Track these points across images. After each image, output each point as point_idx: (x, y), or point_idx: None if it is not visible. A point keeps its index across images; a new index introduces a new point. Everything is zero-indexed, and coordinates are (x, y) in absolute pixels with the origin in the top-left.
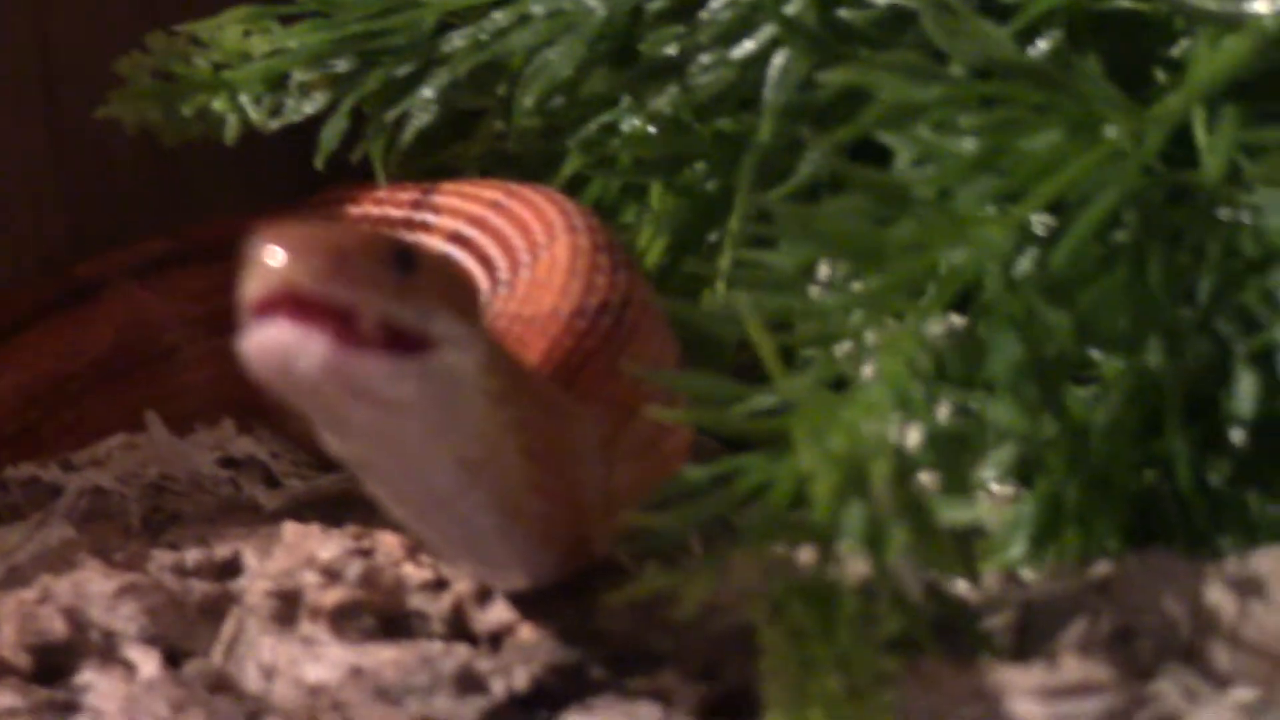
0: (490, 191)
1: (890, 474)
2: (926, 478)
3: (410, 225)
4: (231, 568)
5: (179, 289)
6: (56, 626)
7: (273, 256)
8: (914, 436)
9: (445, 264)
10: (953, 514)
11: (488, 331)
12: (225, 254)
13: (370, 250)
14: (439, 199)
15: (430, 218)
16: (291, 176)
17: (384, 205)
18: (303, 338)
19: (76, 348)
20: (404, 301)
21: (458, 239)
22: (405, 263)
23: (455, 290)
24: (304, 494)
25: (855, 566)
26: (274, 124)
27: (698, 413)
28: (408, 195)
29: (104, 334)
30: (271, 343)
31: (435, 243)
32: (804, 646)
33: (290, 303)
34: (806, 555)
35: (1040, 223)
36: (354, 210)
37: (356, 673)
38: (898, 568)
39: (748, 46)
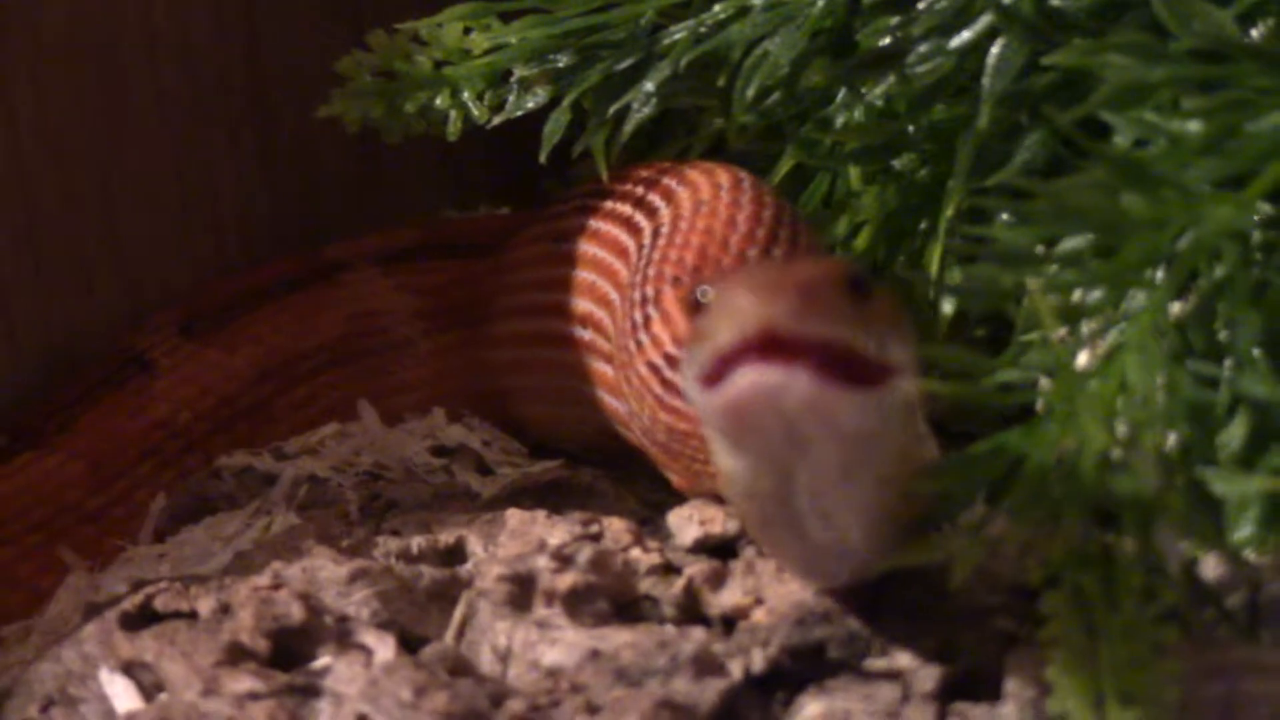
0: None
1: (1157, 445)
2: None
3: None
4: (456, 554)
5: (416, 282)
6: (293, 612)
7: (747, 301)
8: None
9: (888, 286)
10: (1221, 485)
11: None
12: (462, 251)
13: (835, 281)
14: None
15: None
16: (488, 174)
17: None
18: (789, 377)
19: (312, 327)
20: (868, 330)
21: None
22: (863, 290)
23: (901, 312)
24: (518, 481)
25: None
26: (496, 119)
27: (953, 386)
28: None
29: (339, 317)
30: (762, 386)
31: None
32: (1089, 615)
33: (763, 347)
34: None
35: (1262, 210)
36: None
37: (594, 655)
38: (1163, 541)
39: (965, 36)
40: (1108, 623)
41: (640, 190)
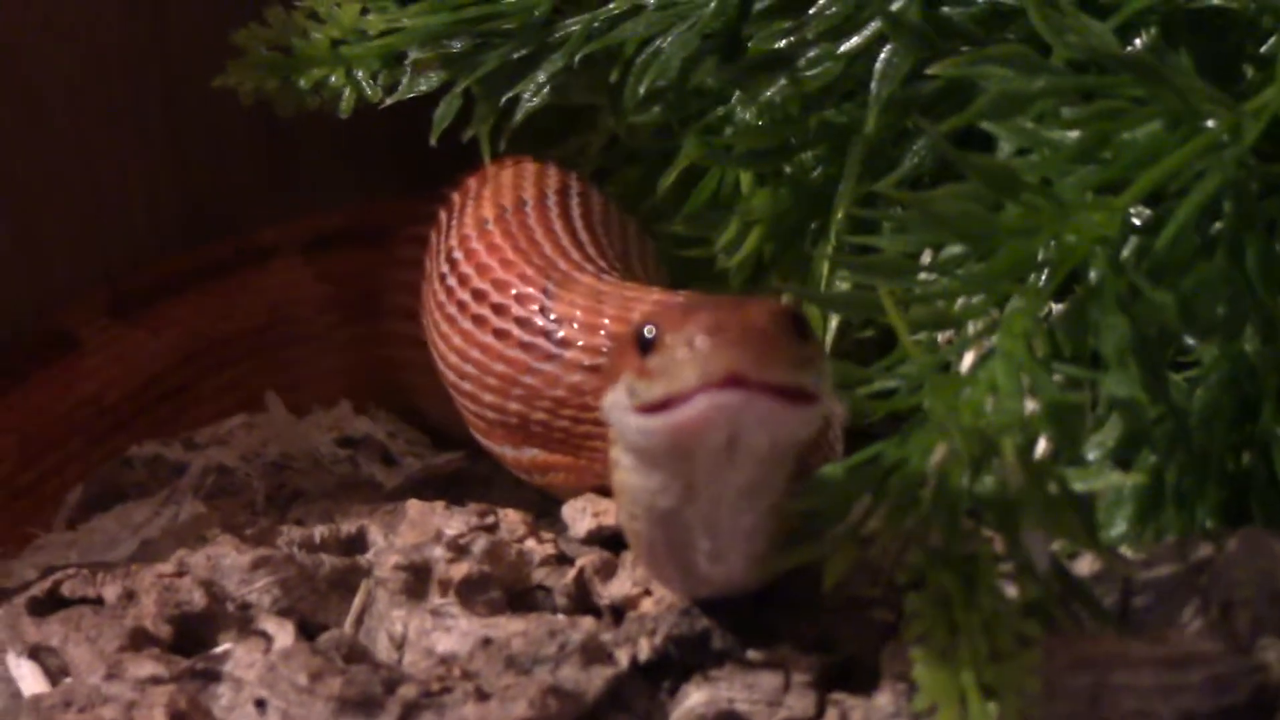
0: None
1: (1021, 446)
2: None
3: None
4: (358, 542)
5: (336, 270)
6: (195, 599)
7: (707, 347)
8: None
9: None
10: (1082, 484)
11: None
12: (374, 239)
13: (785, 326)
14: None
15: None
16: (396, 160)
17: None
18: (751, 400)
19: (235, 313)
20: (806, 368)
21: None
22: (803, 332)
23: (820, 345)
24: (420, 472)
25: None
26: (389, 100)
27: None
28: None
29: (262, 305)
30: (724, 408)
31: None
32: (949, 612)
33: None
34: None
35: (1136, 214)
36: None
37: (486, 644)
38: (1028, 539)
39: (854, 41)
40: (968, 619)
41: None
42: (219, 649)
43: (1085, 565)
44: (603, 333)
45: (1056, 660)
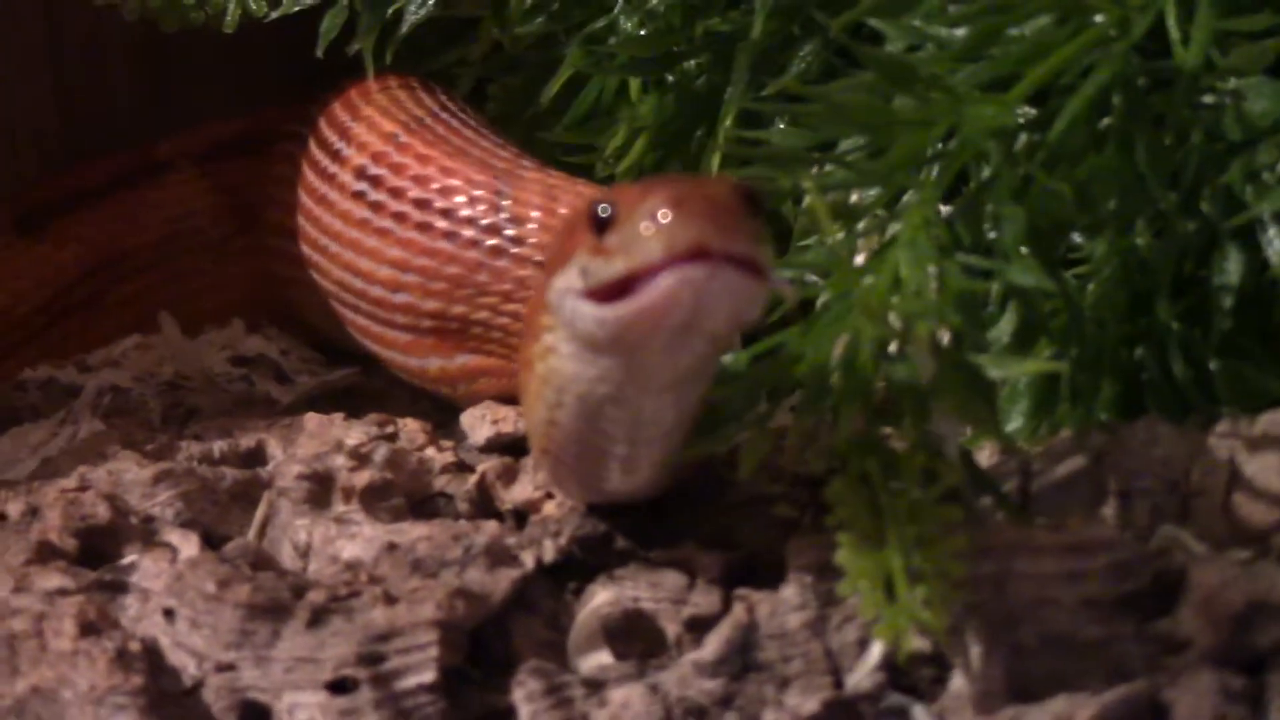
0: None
1: (931, 334)
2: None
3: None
4: (257, 456)
5: (229, 181)
6: (99, 512)
7: (674, 221)
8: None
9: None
10: (996, 370)
11: None
12: (259, 147)
13: (745, 204)
14: (355, 127)
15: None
16: (279, 74)
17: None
18: (719, 270)
19: (136, 227)
20: (763, 243)
21: None
22: (758, 208)
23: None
24: (315, 388)
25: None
26: (273, 14)
27: None
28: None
29: (160, 218)
30: (692, 280)
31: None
32: (873, 498)
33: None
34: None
35: (1022, 115)
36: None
37: (391, 549)
38: (940, 427)
39: None
40: (892, 505)
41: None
42: (125, 560)
43: (985, 456)
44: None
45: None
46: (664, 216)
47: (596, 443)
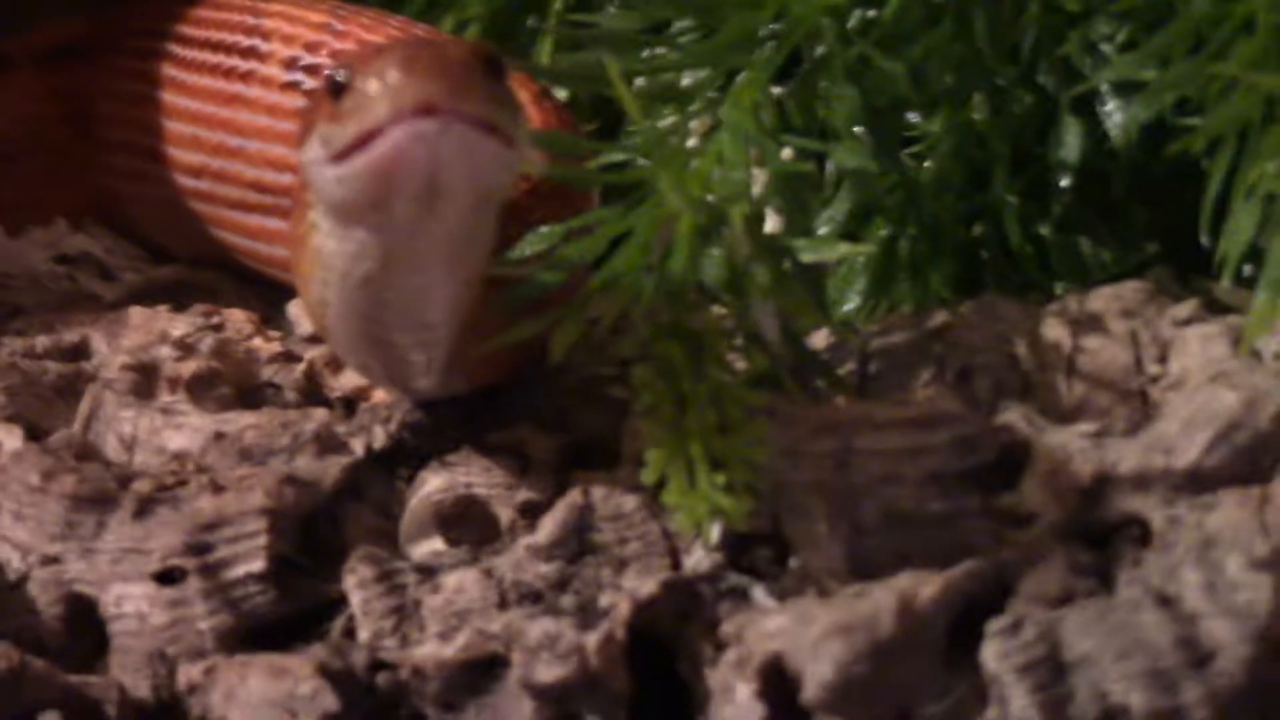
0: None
1: (747, 218)
2: (771, 224)
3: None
4: (81, 351)
5: (69, 84)
6: None
7: (400, 80)
8: (759, 185)
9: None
10: (810, 254)
11: None
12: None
13: (480, 62)
14: (269, 23)
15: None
16: None
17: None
18: (446, 125)
19: None
20: (504, 108)
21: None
22: (499, 73)
23: (516, 94)
24: (141, 284)
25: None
26: None
27: (558, 168)
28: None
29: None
30: (421, 134)
31: (275, 71)
32: (677, 384)
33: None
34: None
35: None
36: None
37: (219, 438)
38: (757, 310)
39: None
40: (695, 390)
41: None
42: None
43: (821, 339)
44: None
45: (798, 426)
46: (391, 77)
47: (373, 329)
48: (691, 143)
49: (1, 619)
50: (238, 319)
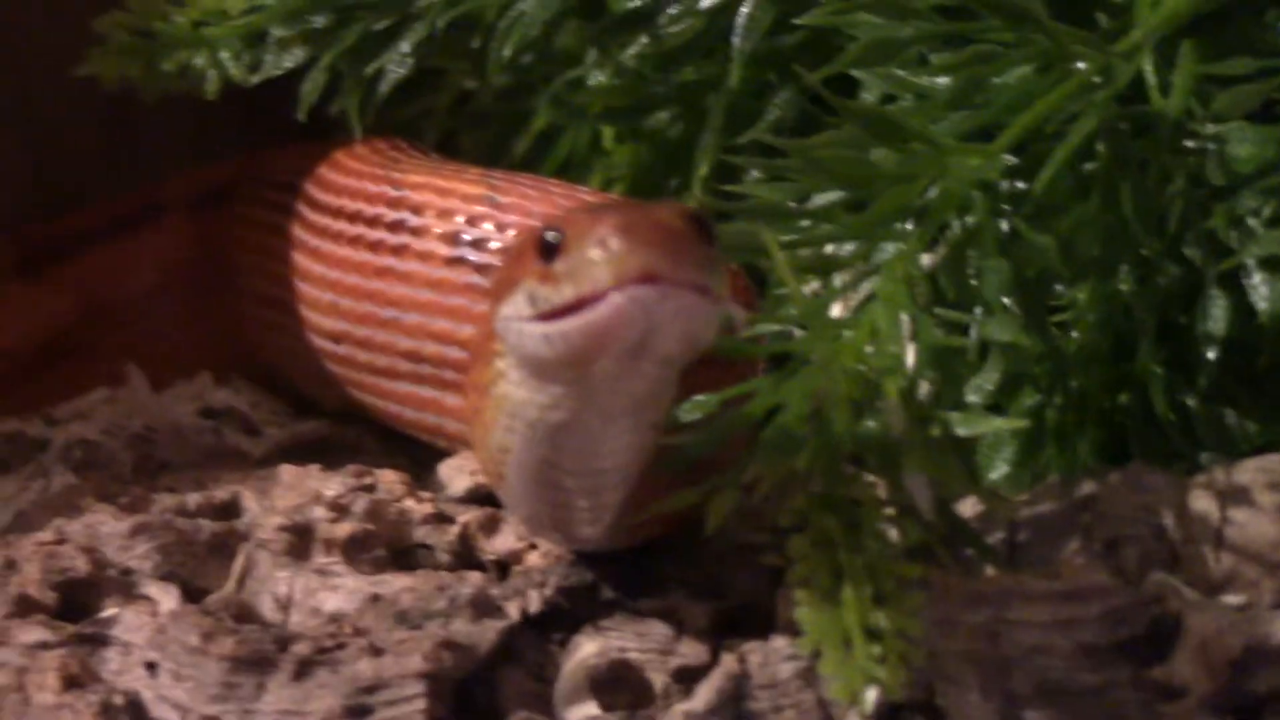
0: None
1: (903, 389)
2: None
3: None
4: (232, 508)
5: (218, 229)
6: (78, 565)
7: (622, 246)
8: (911, 356)
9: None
10: (965, 429)
11: None
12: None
13: (696, 231)
14: (416, 197)
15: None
16: (236, 132)
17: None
18: (671, 291)
19: (130, 274)
20: (714, 269)
21: None
22: (709, 235)
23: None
24: (286, 440)
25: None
26: (254, 79)
27: (721, 341)
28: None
29: (153, 265)
30: (649, 301)
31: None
32: (833, 556)
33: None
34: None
35: (1007, 161)
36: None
37: (375, 600)
38: (912, 482)
39: None
40: (851, 562)
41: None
42: (105, 613)
43: (969, 507)
44: None
45: (952, 598)
46: (613, 243)
47: (552, 476)
48: (836, 311)
49: None
50: (389, 479)
